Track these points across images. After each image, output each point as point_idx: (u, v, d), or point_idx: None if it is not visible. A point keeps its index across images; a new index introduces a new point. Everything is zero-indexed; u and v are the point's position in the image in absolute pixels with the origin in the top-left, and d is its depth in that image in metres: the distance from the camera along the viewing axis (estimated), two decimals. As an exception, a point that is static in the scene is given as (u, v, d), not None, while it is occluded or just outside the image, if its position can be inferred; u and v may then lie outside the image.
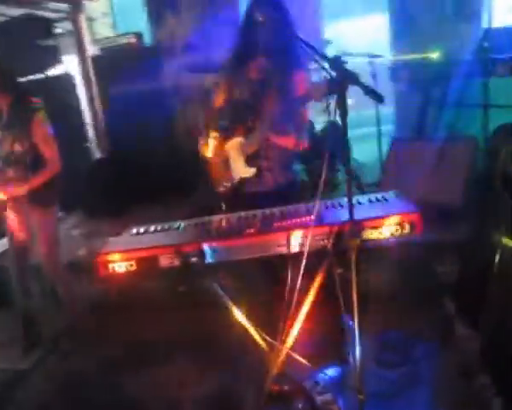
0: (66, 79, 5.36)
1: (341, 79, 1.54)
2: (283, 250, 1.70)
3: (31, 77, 4.96)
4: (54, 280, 3.29)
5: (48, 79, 5.10)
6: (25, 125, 2.87)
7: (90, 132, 5.89)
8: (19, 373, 3.01)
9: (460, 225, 3.31)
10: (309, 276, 1.71)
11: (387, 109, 5.34)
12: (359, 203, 1.86)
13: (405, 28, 5.03)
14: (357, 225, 1.64)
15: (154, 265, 1.79)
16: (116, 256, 1.81)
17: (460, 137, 4.08)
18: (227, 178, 2.24)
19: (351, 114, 1.54)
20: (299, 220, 1.75)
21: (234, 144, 2.19)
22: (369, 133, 5.07)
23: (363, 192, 4.11)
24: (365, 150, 5.00)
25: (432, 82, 4.44)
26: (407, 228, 1.66)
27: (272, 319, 1.76)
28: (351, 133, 1.55)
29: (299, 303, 1.71)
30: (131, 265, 1.80)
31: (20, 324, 3.24)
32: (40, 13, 5.08)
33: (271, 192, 2.25)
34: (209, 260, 1.75)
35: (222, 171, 2.27)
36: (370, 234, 1.67)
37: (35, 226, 3.05)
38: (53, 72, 5.17)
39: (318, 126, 4.78)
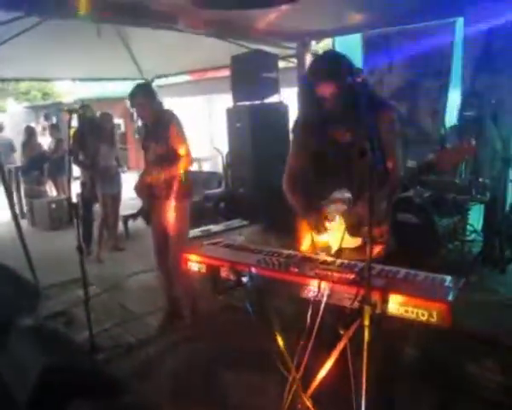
0: (279, 107, 6.12)
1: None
2: (312, 296, 1.80)
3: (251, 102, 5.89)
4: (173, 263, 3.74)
5: (264, 104, 5.94)
6: (164, 133, 3.56)
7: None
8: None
9: None
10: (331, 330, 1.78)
11: None
12: (405, 276, 1.79)
13: None
14: (381, 295, 1.64)
15: (216, 274, 2.12)
16: (194, 257, 2.20)
17: None
18: (323, 248, 2.21)
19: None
20: (336, 274, 1.81)
21: (334, 214, 2.18)
22: None
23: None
24: None
25: None
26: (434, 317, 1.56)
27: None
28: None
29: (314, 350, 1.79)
30: (202, 268, 2.18)
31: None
32: (270, 49, 5.94)
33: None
34: (254, 282, 1.98)
35: (316, 241, 2.25)
36: (395, 310, 1.63)
37: (168, 215, 3.64)
38: (270, 99, 5.99)
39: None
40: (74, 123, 6.34)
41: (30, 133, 8.74)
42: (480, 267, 4.09)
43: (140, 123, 4.15)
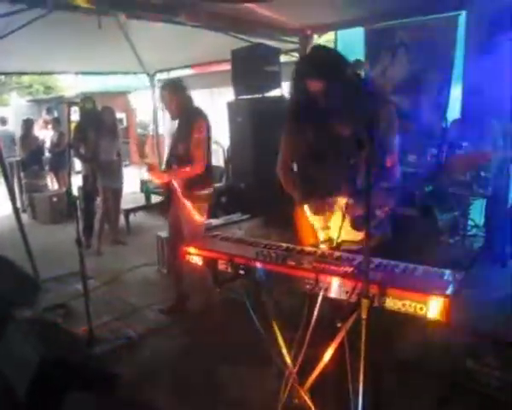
0: (280, 101, 6.07)
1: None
2: (309, 289, 1.79)
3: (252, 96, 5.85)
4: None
5: (265, 98, 5.90)
6: (186, 133, 3.54)
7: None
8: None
9: None
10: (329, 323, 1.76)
11: None
12: (404, 270, 1.78)
13: None
14: (379, 288, 1.62)
15: (214, 266, 2.11)
16: (193, 250, 2.20)
17: None
18: (324, 240, 2.23)
19: None
20: (334, 267, 1.80)
21: (338, 206, 2.17)
22: None
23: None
24: None
25: None
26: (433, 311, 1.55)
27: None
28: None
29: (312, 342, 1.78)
30: (200, 260, 2.17)
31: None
32: (272, 43, 5.90)
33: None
34: (253, 276, 1.97)
35: (316, 233, 2.27)
36: (392, 303, 1.62)
37: (182, 214, 3.68)
38: (271, 93, 5.95)
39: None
40: (75, 116, 6.35)
41: (28, 126, 8.70)
42: (481, 262, 4.07)
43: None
